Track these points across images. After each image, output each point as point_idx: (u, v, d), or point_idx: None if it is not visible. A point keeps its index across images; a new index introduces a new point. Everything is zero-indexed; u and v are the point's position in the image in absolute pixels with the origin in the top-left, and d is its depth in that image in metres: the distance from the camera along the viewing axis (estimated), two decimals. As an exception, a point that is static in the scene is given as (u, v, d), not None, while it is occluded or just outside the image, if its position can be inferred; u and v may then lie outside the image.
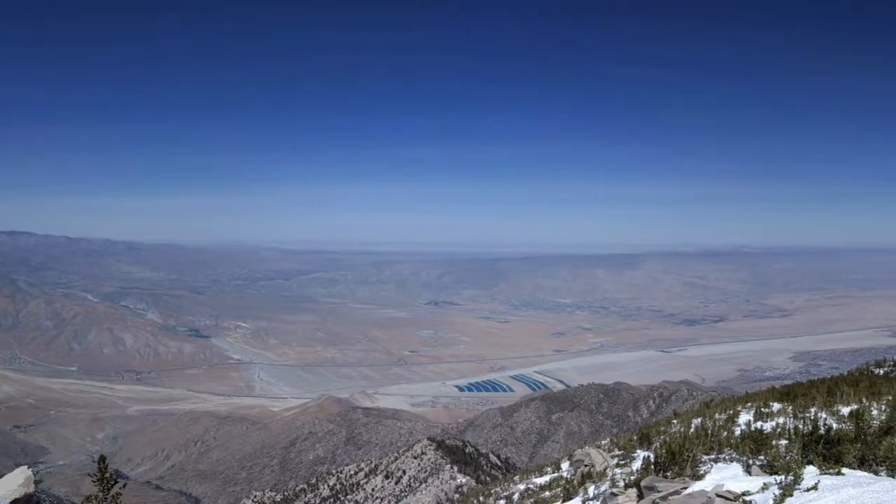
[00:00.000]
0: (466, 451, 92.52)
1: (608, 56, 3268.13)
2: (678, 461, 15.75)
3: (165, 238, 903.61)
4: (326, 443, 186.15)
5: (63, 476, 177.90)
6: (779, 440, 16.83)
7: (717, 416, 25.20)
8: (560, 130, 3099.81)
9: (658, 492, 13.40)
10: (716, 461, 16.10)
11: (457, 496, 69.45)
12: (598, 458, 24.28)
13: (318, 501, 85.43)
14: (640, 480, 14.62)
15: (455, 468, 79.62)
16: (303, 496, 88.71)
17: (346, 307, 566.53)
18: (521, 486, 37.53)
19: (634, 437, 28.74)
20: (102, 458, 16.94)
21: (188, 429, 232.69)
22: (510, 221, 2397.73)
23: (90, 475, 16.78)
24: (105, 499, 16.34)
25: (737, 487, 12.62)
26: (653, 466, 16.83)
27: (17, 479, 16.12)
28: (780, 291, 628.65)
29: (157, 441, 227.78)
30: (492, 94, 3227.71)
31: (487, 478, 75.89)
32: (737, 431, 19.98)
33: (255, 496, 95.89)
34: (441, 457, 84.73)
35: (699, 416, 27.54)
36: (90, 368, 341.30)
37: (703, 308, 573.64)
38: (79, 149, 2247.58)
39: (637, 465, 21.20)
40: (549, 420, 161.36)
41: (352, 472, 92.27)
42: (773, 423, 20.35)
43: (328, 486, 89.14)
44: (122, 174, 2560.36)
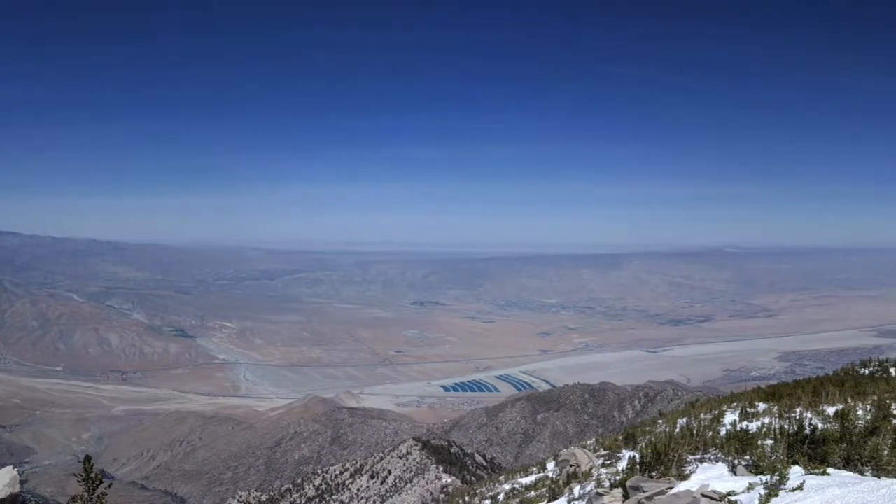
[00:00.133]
0: (452, 451, 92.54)
1: (608, 56, 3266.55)
2: (664, 461, 15.83)
3: (151, 238, 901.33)
4: (312, 443, 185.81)
5: (48, 476, 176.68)
6: (764, 440, 16.92)
7: (703, 416, 25.26)
8: (551, 131, 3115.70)
9: (643, 492, 13.45)
10: (701, 461, 16.17)
11: (442, 496, 69.50)
12: (584, 458, 24.28)
13: (304, 501, 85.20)
14: (626, 480, 14.66)
15: (440, 468, 79.69)
16: (288, 496, 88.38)
17: (332, 307, 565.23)
18: (507, 486, 37.54)
19: (620, 437, 28.83)
20: (88, 458, 16.91)
21: (173, 429, 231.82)
22: (496, 222, 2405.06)
23: (76, 475, 16.73)
24: (90, 499, 16.30)
25: (722, 487, 12.69)
26: (638, 466, 16.90)
27: (3, 480, 16.02)
28: (766, 291, 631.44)
29: (143, 441, 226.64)
30: (490, 95, 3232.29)
31: (473, 478, 75.92)
32: (722, 431, 20.05)
33: (241, 496, 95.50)
34: (426, 457, 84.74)
35: (684, 416, 27.61)
36: (75, 368, 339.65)
37: (689, 308, 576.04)
38: (65, 149, 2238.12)
39: (622, 465, 21.26)
40: (535, 420, 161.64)
41: (337, 472, 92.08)
42: (759, 423, 20.46)
43: (314, 486, 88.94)
44: (109, 174, 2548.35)
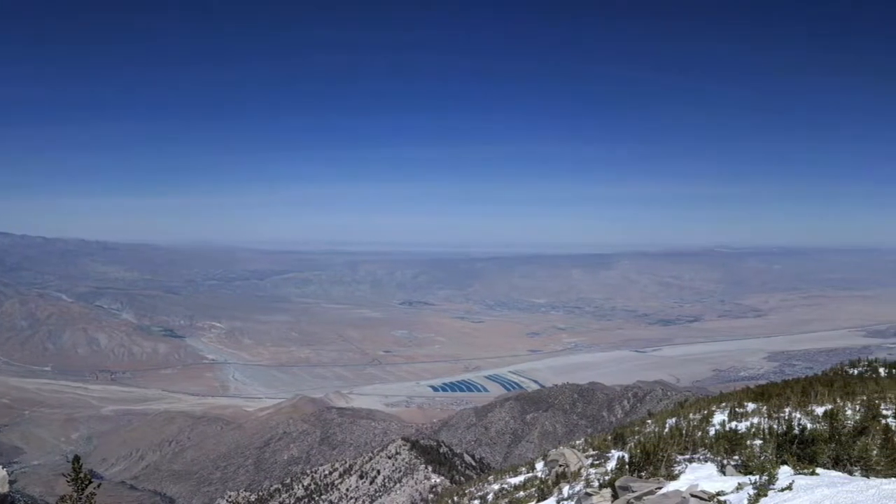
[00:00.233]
0: (441, 451, 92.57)
1: (608, 56, 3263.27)
2: (653, 461, 15.88)
3: (140, 238, 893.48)
4: (301, 443, 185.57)
5: (37, 476, 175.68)
6: (753, 440, 17.01)
7: (692, 416, 25.35)
8: (542, 131, 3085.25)
9: (633, 492, 13.49)
10: (690, 461, 16.23)
11: (431, 496, 69.53)
12: (573, 458, 24.33)
13: (293, 501, 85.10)
14: (615, 480, 14.70)
15: (429, 468, 79.73)
16: (277, 496, 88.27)
17: (321, 307, 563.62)
18: (496, 486, 37.58)
19: (609, 437, 28.89)
20: (77, 459, 16.86)
21: (163, 429, 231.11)
22: (483, 222, 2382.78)
23: (65, 475, 16.67)
24: (79, 499, 16.25)
25: (711, 487, 12.74)
26: (627, 466, 16.95)
27: (-9, 480, 15.97)
28: (755, 291, 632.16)
29: (132, 441, 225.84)
30: (490, 95, 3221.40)
31: (462, 478, 75.96)
32: (711, 431, 20.14)
33: (230, 496, 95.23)
34: (415, 457, 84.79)
35: (674, 416, 27.70)
36: (64, 368, 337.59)
37: (678, 308, 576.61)
38: (56, 149, 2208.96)
39: (611, 465, 21.31)
40: (524, 420, 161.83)
41: (326, 472, 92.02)
42: (748, 423, 20.55)
43: (303, 486, 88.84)
44: (100, 175, 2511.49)
